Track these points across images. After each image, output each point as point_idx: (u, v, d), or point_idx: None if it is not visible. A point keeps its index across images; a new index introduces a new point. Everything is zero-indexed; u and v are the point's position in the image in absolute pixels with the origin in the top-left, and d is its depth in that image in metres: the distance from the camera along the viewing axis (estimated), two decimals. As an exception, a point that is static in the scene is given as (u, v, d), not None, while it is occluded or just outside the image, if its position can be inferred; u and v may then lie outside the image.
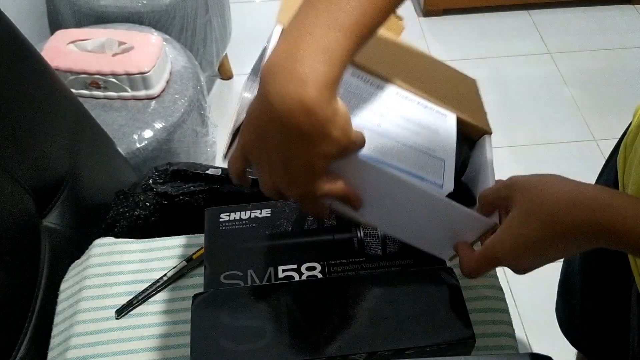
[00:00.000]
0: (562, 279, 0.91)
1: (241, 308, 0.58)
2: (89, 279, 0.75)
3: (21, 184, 0.79)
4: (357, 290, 0.62)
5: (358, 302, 0.60)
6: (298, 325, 0.58)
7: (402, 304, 0.60)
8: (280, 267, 0.67)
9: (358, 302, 0.60)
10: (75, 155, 0.92)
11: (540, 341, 1.44)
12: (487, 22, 2.28)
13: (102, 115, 1.27)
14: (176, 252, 0.78)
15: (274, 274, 0.67)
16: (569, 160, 1.86)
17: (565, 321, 0.92)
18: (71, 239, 0.87)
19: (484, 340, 0.70)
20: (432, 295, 0.60)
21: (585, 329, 0.87)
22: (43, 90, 0.88)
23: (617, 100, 2.03)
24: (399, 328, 0.58)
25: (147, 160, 1.26)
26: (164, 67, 1.34)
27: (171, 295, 0.74)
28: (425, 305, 0.60)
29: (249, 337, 0.56)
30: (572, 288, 0.86)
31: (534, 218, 0.47)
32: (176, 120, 1.31)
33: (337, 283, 0.63)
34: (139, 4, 1.50)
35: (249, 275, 0.67)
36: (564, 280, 0.90)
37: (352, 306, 0.60)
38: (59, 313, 0.75)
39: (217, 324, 0.57)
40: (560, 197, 0.46)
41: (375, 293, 0.61)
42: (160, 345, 0.69)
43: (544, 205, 0.47)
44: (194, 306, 0.59)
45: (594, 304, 0.82)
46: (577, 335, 0.91)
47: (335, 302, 0.61)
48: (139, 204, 0.88)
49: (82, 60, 1.28)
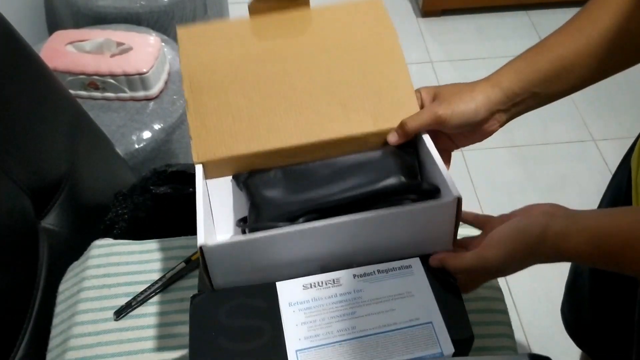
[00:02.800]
0: (571, 279, 0.90)
1: (240, 307, 0.59)
2: (87, 280, 0.75)
3: (19, 185, 0.79)
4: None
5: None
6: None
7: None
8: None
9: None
10: (74, 156, 0.92)
11: (539, 342, 1.44)
12: (486, 22, 2.28)
13: (100, 116, 1.27)
14: (175, 254, 0.78)
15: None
16: (567, 161, 1.86)
17: (572, 321, 0.92)
18: (69, 240, 0.87)
19: (482, 340, 0.70)
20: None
21: (593, 329, 0.86)
22: (41, 92, 0.88)
23: (616, 100, 2.04)
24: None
25: (145, 161, 1.26)
26: (163, 67, 1.34)
27: (170, 296, 0.74)
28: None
29: (248, 336, 0.56)
30: (581, 288, 0.86)
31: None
32: (175, 121, 1.31)
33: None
34: (137, 5, 1.50)
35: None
36: (572, 280, 0.90)
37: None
38: (58, 314, 0.74)
39: (215, 324, 0.57)
40: (522, 225, 0.54)
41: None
42: (160, 346, 0.69)
43: (507, 233, 0.55)
44: (193, 306, 0.59)
45: (603, 304, 0.82)
46: (584, 336, 0.91)
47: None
48: (137, 205, 0.88)
49: (81, 61, 1.27)
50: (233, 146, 0.66)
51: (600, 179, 1.77)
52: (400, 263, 0.60)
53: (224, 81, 0.68)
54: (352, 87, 0.68)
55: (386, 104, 0.68)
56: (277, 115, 0.67)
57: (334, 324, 0.56)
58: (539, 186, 1.79)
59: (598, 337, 0.87)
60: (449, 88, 0.66)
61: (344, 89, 0.68)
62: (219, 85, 0.68)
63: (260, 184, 0.66)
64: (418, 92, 0.68)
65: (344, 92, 0.68)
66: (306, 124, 0.67)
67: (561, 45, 0.63)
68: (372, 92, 0.68)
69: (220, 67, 0.69)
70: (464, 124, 0.64)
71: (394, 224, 0.59)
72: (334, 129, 0.67)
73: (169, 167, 0.92)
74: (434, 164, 0.62)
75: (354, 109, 0.67)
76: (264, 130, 0.67)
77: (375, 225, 0.59)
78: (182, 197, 0.88)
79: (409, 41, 2.23)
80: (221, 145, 0.66)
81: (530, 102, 0.65)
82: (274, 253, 0.59)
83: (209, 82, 0.68)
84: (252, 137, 0.66)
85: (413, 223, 0.59)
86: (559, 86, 0.64)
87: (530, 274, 0.53)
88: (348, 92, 0.68)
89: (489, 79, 0.65)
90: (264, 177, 0.66)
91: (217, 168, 0.67)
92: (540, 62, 0.64)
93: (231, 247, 0.58)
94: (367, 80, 0.69)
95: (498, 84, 0.64)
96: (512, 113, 0.65)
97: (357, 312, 0.57)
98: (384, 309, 0.57)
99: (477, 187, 1.75)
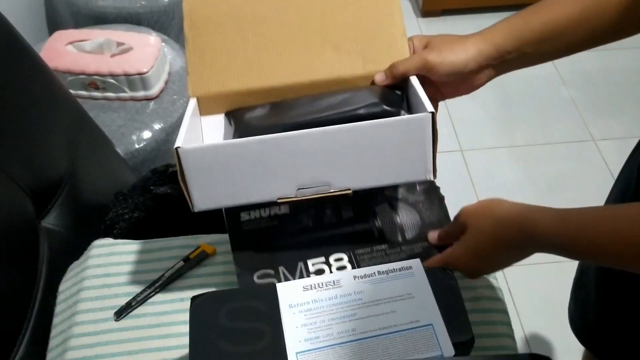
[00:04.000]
0: (578, 276, 0.90)
1: (240, 309, 0.58)
2: (87, 280, 0.75)
3: (19, 185, 0.79)
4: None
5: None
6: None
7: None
8: (309, 260, 0.69)
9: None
10: (74, 156, 0.92)
11: (539, 342, 1.44)
12: (486, 22, 2.26)
13: (100, 116, 1.27)
14: (175, 253, 0.78)
15: (304, 269, 0.68)
16: (567, 161, 1.86)
17: (577, 319, 0.92)
18: (70, 240, 0.87)
19: (483, 340, 0.70)
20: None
21: (598, 327, 0.86)
22: (41, 91, 0.88)
23: (616, 100, 2.04)
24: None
25: (145, 161, 1.26)
26: (163, 67, 1.34)
27: (170, 296, 0.74)
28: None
29: (248, 338, 0.56)
30: (588, 285, 0.86)
31: (482, 234, 0.63)
32: (175, 120, 1.31)
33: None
34: (138, 5, 1.50)
35: (280, 272, 0.68)
36: (579, 277, 0.90)
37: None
38: (58, 314, 0.74)
39: (216, 326, 0.57)
40: (500, 217, 0.61)
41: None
42: (160, 346, 0.69)
43: (489, 225, 0.62)
44: (193, 308, 0.59)
45: (609, 301, 0.82)
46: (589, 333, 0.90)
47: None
48: (138, 205, 0.88)
49: (81, 61, 1.28)
50: (226, 82, 0.69)
51: (601, 179, 1.77)
52: (400, 264, 0.60)
53: (223, 18, 0.71)
54: (346, 29, 0.70)
55: (377, 48, 0.69)
56: (270, 54, 0.69)
57: (334, 325, 0.56)
58: (539, 186, 1.79)
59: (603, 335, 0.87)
60: (441, 38, 0.68)
61: (338, 30, 0.70)
62: (218, 21, 0.71)
63: (246, 114, 0.68)
64: (410, 41, 0.70)
65: (338, 33, 0.70)
66: (298, 63, 0.69)
67: (556, 9, 0.65)
68: (365, 34, 0.70)
69: (219, 2, 0.71)
70: (452, 73, 0.66)
71: (367, 138, 0.59)
72: (325, 69, 0.69)
73: (169, 167, 0.92)
74: (420, 102, 0.62)
75: (346, 51, 0.69)
76: (257, 68, 0.69)
77: (347, 140, 0.59)
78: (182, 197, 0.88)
79: (409, 41, 2.23)
80: (215, 81, 0.69)
81: (519, 61, 0.66)
82: (249, 162, 0.59)
83: (208, 18, 0.71)
84: (245, 75, 0.69)
85: (387, 140, 0.59)
86: (549, 48, 0.66)
87: (530, 274, 0.53)
88: (342, 33, 0.70)
89: (482, 33, 0.67)
90: (251, 109, 0.68)
91: (211, 104, 0.70)
92: (533, 22, 0.65)
93: (206, 150, 0.58)
94: (361, 22, 0.70)
95: (490, 39, 0.66)
96: (500, 69, 0.67)
97: (357, 314, 0.57)
98: (384, 310, 0.57)
99: (477, 187, 1.75)
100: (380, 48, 0.69)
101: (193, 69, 0.70)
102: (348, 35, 0.70)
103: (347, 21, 0.70)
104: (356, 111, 0.64)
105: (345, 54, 0.69)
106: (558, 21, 0.64)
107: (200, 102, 0.70)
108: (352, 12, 0.70)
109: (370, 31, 0.70)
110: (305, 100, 0.68)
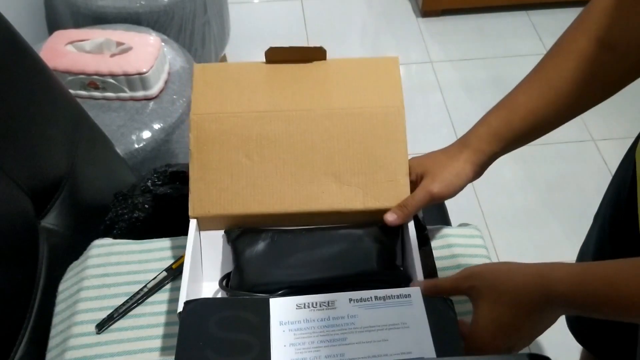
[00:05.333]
0: None
1: (231, 319, 0.57)
2: (87, 280, 0.75)
3: (19, 185, 0.79)
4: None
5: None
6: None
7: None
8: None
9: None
10: (74, 156, 0.92)
11: (539, 342, 1.44)
12: (486, 22, 2.28)
13: (100, 115, 1.27)
14: (174, 254, 0.78)
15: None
16: (567, 161, 1.86)
17: (575, 319, 0.92)
18: (69, 240, 0.87)
19: (482, 340, 0.69)
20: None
21: (596, 327, 0.86)
22: (41, 91, 0.87)
23: (616, 100, 2.02)
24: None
25: (145, 161, 1.26)
26: (162, 67, 1.34)
27: (169, 296, 0.74)
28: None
29: (235, 351, 0.54)
30: None
31: (500, 304, 0.56)
32: (175, 120, 1.31)
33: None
34: (137, 5, 1.50)
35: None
36: None
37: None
38: (57, 314, 0.74)
39: (205, 333, 0.55)
40: (517, 282, 0.56)
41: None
42: (160, 346, 0.70)
43: (507, 292, 0.56)
44: (185, 312, 0.58)
45: None
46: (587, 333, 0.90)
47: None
48: (137, 205, 0.88)
49: (80, 61, 1.27)
50: (227, 206, 0.70)
51: (600, 178, 1.77)
52: (399, 291, 0.59)
53: (229, 135, 0.71)
54: (349, 158, 0.71)
55: (378, 181, 0.71)
56: (273, 179, 0.71)
57: (322, 348, 0.54)
58: (539, 186, 1.79)
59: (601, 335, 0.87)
60: (433, 160, 0.71)
61: (341, 159, 0.71)
62: (224, 138, 0.71)
63: (247, 247, 0.69)
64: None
65: (341, 163, 0.71)
66: (299, 192, 0.70)
67: (531, 99, 0.67)
68: (369, 168, 0.71)
69: (227, 118, 0.72)
70: (455, 193, 0.70)
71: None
72: (326, 201, 0.70)
73: (169, 167, 0.92)
74: (413, 258, 0.66)
75: (347, 183, 0.71)
76: (259, 194, 0.70)
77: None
78: (182, 197, 0.88)
79: (409, 41, 2.23)
80: (217, 203, 0.71)
81: (509, 150, 0.71)
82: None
83: (214, 133, 0.72)
84: (246, 199, 0.70)
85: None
86: (537, 135, 0.70)
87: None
88: (344, 163, 0.71)
89: (468, 144, 0.70)
90: (252, 240, 0.69)
91: (211, 223, 0.72)
92: (514, 122, 0.68)
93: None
94: (365, 152, 0.72)
95: (479, 149, 0.69)
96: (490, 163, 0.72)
97: (348, 339, 0.55)
98: (376, 338, 0.55)
99: (477, 187, 1.75)
100: (382, 181, 0.71)
101: (195, 187, 0.71)
102: (351, 166, 0.71)
103: (352, 149, 0.72)
104: (350, 275, 0.67)
105: (347, 186, 0.71)
106: (536, 112, 0.67)
107: (200, 221, 0.72)
108: (359, 140, 0.72)
109: (374, 165, 0.71)
110: (306, 240, 0.69)
